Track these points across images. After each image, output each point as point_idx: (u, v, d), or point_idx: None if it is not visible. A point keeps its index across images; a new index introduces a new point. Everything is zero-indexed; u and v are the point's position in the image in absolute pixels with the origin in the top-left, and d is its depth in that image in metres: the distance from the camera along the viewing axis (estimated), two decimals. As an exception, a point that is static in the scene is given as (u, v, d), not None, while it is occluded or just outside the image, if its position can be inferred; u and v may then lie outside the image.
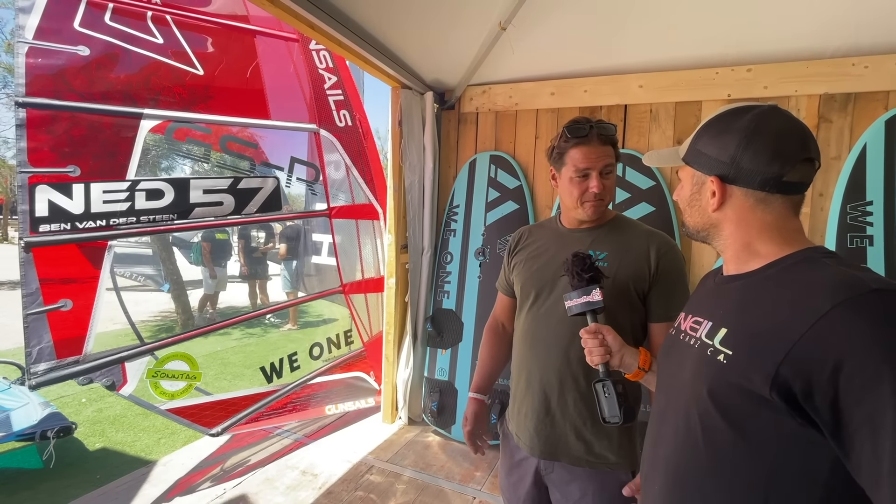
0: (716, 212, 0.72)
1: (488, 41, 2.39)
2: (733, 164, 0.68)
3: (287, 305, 5.81)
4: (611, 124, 1.14)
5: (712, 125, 0.72)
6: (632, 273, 1.12)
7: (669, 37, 2.23)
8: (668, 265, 1.12)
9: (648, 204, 2.39)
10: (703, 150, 0.72)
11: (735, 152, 0.67)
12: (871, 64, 2.05)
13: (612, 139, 1.13)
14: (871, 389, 0.51)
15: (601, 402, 0.94)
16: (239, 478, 2.29)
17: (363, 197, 3.12)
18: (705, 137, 0.72)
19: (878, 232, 2.02)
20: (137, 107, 2.21)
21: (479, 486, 2.27)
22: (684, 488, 0.70)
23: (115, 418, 3.40)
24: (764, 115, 0.68)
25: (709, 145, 0.71)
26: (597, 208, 1.14)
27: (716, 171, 0.70)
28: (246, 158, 2.69)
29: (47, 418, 2.60)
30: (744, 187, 0.68)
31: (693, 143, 0.74)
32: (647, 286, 1.12)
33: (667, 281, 1.12)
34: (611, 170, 1.14)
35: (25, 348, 1.97)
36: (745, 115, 0.69)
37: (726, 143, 0.69)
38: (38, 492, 2.44)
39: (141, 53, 2.21)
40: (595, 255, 1.14)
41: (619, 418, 0.92)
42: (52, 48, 1.99)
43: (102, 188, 2.13)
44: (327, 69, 2.93)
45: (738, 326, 0.66)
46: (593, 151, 1.11)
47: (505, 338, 1.42)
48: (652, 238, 1.15)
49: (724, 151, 0.69)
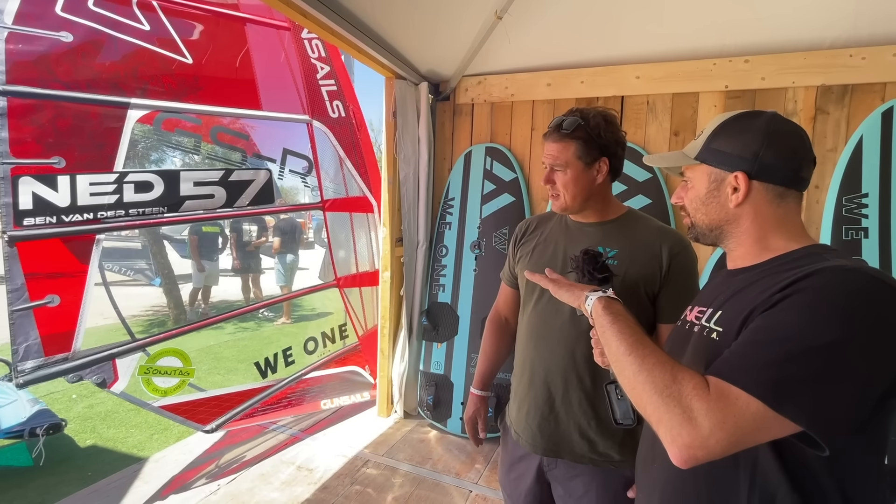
0: (738, 207, 0.74)
1: (484, 31, 2.35)
2: (756, 160, 0.71)
3: (282, 300, 5.76)
4: (575, 117, 1.10)
5: (729, 126, 0.76)
6: (642, 272, 1.09)
7: (667, 27, 2.20)
8: (681, 266, 1.09)
9: (645, 196, 2.38)
10: (721, 149, 0.75)
11: (758, 149, 0.71)
12: (869, 55, 2.04)
13: (575, 134, 1.09)
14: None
15: (613, 405, 0.93)
16: (233, 474, 2.27)
17: (357, 189, 3.08)
18: (723, 137, 0.75)
19: (874, 224, 2.02)
20: (124, 96, 2.15)
21: (476, 480, 2.27)
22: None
23: (107, 414, 3.36)
24: (777, 118, 0.73)
25: (728, 144, 0.74)
26: (554, 203, 1.16)
27: (740, 168, 0.73)
28: (237, 150, 2.63)
29: (36, 415, 2.55)
30: (766, 182, 0.72)
31: (708, 144, 0.77)
32: (658, 286, 1.09)
33: (678, 282, 1.09)
34: (561, 167, 1.11)
35: (12, 346, 1.91)
36: (761, 118, 0.73)
37: (748, 141, 0.72)
38: (27, 490, 2.40)
39: (127, 41, 2.14)
40: (605, 251, 1.11)
41: (632, 420, 0.91)
42: (33, 34, 1.92)
43: (89, 180, 2.06)
44: (320, 59, 2.87)
45: (731, 307, 0.71)
46: (547, 147, 1.14)
47: (507, 332, 1.40)
48: (665, 236, 1.11)
49: (747, 149, 0.72)
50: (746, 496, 0.64)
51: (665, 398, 0.59)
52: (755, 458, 0.63)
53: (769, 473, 0.63)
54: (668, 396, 0.59)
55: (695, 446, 0.56)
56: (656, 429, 0.61)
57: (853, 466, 0.61)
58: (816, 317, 0.58)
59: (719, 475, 0.67)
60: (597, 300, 0.81)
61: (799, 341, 0.57)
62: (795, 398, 0.55)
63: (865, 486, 0.61)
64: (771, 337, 0.59)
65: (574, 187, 1.12)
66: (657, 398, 0.60)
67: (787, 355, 0.56)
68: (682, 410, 0.57)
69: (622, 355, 0.69)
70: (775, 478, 0.62)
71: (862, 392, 0.56)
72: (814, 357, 0.55)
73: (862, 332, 0.56)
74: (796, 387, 0.55)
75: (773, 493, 0.62)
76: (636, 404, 0.65)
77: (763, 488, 0.63)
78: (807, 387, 0.55)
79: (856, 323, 0.56)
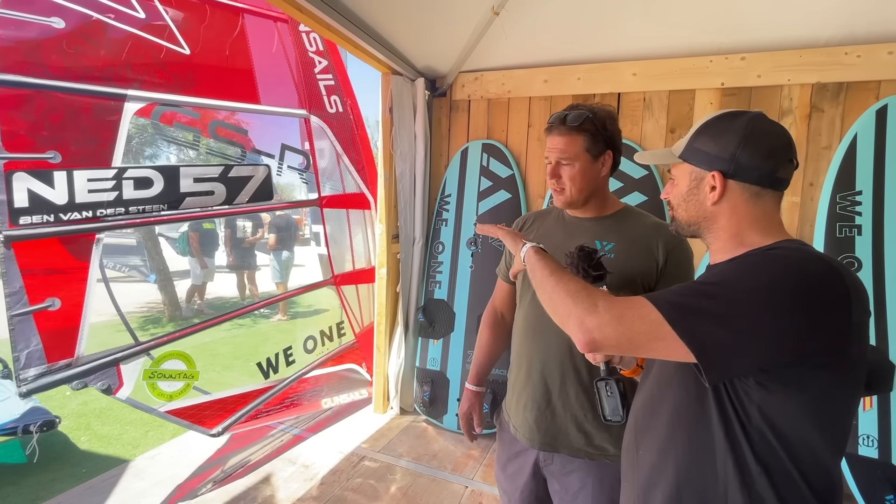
0: (714, 205, 0.77)
1: (481, 26, 2.35)
2: (733, 160, 0.74)
3: (282, 298, 5.74)
4: (584, 111, 1.10)
5: (710, 126, 0.79)
6: (639, 267, 1.10)
7: (664, 24, 2.21)
8: (677, 260, 1.10)
9: (641, 193, 2.39)
10: (702, 149, 0.78)
11: (735, 150, 0.74)
12: (864, 53, 2.05)
13: (580, 127, 1.09)
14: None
15: (603, 401, 0.94)
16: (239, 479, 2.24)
17: (354, 186, 3.07)
18: (704, 137, 0.79)
19: (867, 222, 2.04)
20: (120, 87, 2.07)
21: (472, 475, 2.28)
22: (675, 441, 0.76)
23: (101, 411, 3.35)
24: (757, 118, 0.76)
25: (708, 144, 0.78)
26: (558, 198, 1.15)
27: (717, 167, 0.76)
28: (236, 145, 2.59)
29: (30, 412, 2.54)
30: (741, 182, 0.75)
31: (691, 143, 0.80)
32: (654, 280, 1.10)
33: (674, 276, 1.09)
34: (568, 161, 1.11)
35: (13, 353, 1.82)
36: (741, 118, 0.76)
37: (726, 142, 0.75)
38: (21, 487, 2.39)
39: (122, 28, 2.07)
40: (602, 245, 1.12)
41: (621, 417, 0.92)
42: (22, 18, 1.82)
43: (87, 176, 1.99)
44: (317, 52, 2.84)
45: None
46: (552, 141, 1.13)
47: (503, 327, 1.40)
48: (661, 231, 1.12)
49: (725, 149, 0.75)
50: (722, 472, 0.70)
51: (576, 298, 0.71)
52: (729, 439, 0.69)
53: (742, 451, 0.68)
54: (578, 297, 0.71)
55: (592, 329, 0.67)
56: (566, 324, 0.71)
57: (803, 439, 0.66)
58: (745, 273, 0.67)
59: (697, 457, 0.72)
60: (531, 247, 0.94)
61: (719, 287, 0.66)
62: (693, 323, 0.63)
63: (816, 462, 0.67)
64: (699, 280, 0.71)
65: (581, 180, 1.12)
66: (569, 299, 0.72)
67: (704, 293, 0.66)
68: (590, 304, 0.69)
69: (545, 278, 0.81)
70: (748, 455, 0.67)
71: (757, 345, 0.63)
72: (724, 300, 0.64)
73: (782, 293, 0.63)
74: (698, 316, 0.64)
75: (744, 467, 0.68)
76: (552, 314, 0.76)
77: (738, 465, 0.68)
78: (708, 320, 0.63)
79: (779, 284, 0.63)
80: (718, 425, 0.69)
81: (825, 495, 0.66)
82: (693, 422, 0.73)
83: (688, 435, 0.74)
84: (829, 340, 0.63)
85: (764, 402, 0.66)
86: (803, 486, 0.66)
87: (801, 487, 0.66)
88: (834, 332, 0.63)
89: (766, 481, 0.66)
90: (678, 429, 0.75)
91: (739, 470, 0.68)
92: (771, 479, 0.66)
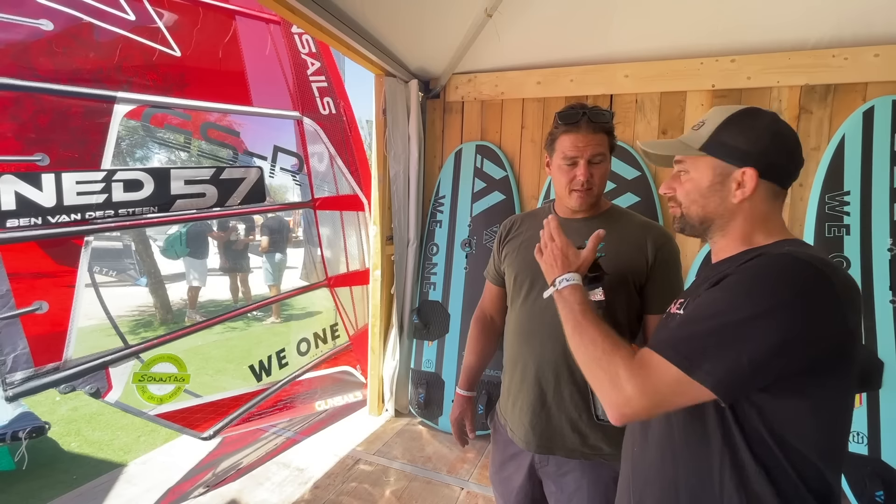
0: (740, 202, 0.74)
1: (474, 28, 2.36)
2: (765, 157, 0.72)
3: (275, 300, 5.69)
4: (606, 111, 1.11)
5: (737, 120, 0.75)
6: (629, 265, 1.11)
7: (656, 27, 2.23)
8: (665, 257, 1.11)
9: (633, 194, 2.40)
10: (730, 143, 0.74)
11: (766, 147, 0.72)
12: (851, 56, 2.09)
13: (606, 127, 1.11)
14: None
15: (596, 401, 0.94)
16: (231, 482, 2.22)
17: (348, 188, 3.06)
18: (733, 130, 0.74)
19: (855, 222, 2.07)
20: (109, 90, 2.06)
21: (467, 477, 2.28)
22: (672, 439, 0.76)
23: (92, 416, 3.30)
24: (779, 119, 0.75)
25: (738, 138, 0.74)
26: (583, 198, 1.13)
27: (749, 163, 0.72)
28: (228, 147, 2.57)
29: (18, 418, 2.49)
30: (768, 181, 0.73)
31: (717, 136, 0.75)
32: (645, 278, 1.11)
33: (664, 273, 1.11)
34: (601, 159, 1.11)
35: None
36: (764, 116, 0.75)
37: (757, 138, 0.73)
38: (10, 494, 2.35)
39: (111, 30, 2.05)
40: None
41: None
42: (10, 20, 1.82)
43: (75, 178, 1.97)
44: (310, 54, 2.83)
45: (698, 292, 0.76)
46: (581, 139, 1.09)
47: (493, 330, 1.39)
48: (649, 230, 1.14)
49: (756, 145, 0.73)
50: (718, 471, 0.70)
51: (599, 366, 0.71)
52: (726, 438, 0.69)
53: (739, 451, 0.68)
54: (601, 365, 0.71)
55: (621, 405, 0.67)
56: (597, 394, 0.72)
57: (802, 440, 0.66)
58: (740, 295, 0.66)
59: (694, 455, 0.73)
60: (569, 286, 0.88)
61: (721, 316, 0.65)
62: (709, 368, 0.63)
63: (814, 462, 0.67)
64: (699, 313, 0.69)
65: (604, 180, 1.14)
66: (594, 365, 0.73)
67: (709, 329, 0.65)
68: (610, 378, 0.69)
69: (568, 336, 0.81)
70: (745, 455, 0.67)
71: (770, 365, 0.62)
72: (730, 330, 0.64)
73: (776, 308, 0.62)
74: (712, 358, 0.63)
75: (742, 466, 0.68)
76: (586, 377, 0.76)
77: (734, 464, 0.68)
78: (722, 357, 0.63)
79: (773, 299, 0.63)
80: (715, 425, 0.69)
81: (824, 496, 0.66)
82: (690, 420, 0.73)
83: (684, 433, 0.74)
84: (831, 348, 0.64)
85: (763, 405, 0.66)
86: (801, 487, 0.66)
87: (799, 487, 0.66)
88: (835, 339, 0.64)
89: (763, 481, 0.66)
90: (675, 427, 0.76)
91: (736, 469, 0.68)
92: (769, 478, 0.66)
